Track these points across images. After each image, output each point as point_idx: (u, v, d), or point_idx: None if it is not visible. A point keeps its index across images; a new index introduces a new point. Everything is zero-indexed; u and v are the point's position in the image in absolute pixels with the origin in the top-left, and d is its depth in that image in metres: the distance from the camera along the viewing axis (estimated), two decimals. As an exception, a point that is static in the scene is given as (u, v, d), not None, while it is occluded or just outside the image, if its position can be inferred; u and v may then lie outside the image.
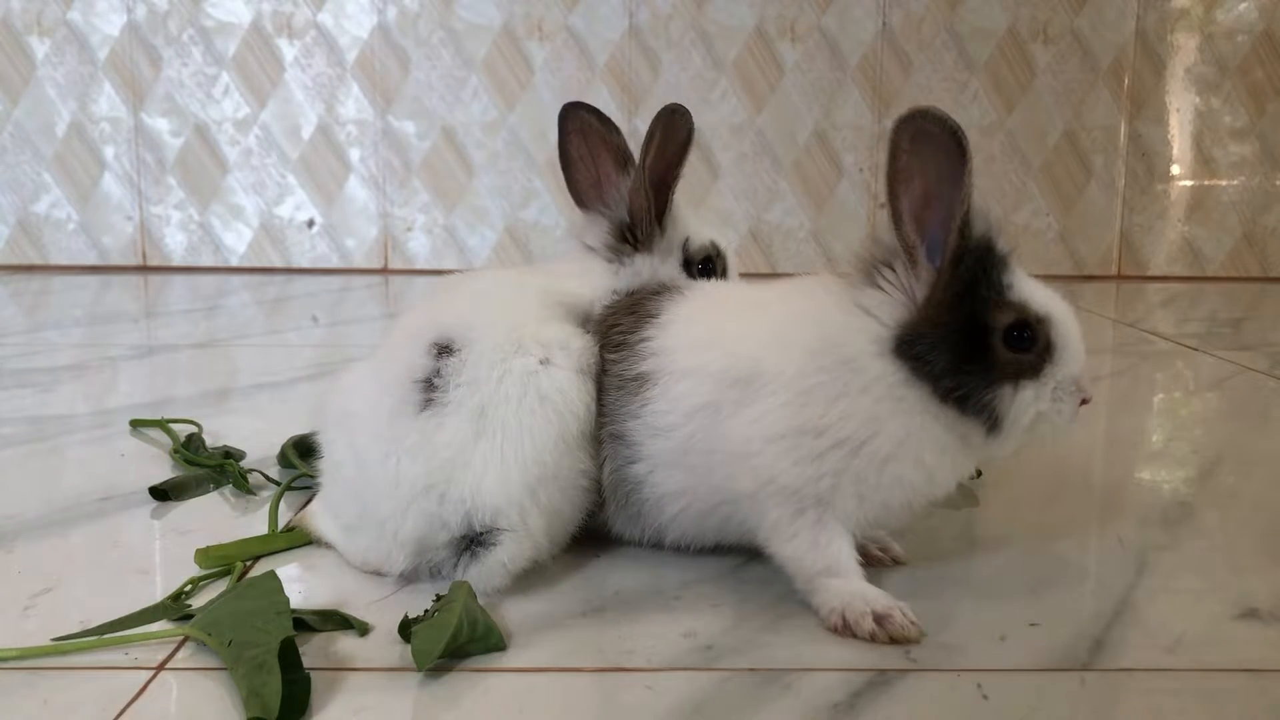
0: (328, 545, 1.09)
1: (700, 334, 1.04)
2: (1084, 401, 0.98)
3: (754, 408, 0.99)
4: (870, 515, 0.99)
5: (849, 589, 0.94)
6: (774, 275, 2.51)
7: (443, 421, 0.98)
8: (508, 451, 0.98)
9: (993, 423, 0.95)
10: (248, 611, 0.86)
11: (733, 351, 1.01)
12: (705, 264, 1.23)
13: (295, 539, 1.10)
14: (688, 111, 1.16)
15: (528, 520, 0.98)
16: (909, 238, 0.95)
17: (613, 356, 1.06)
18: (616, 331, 1.08)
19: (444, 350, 1.00)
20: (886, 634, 0.89)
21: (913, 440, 0.96)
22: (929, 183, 0.93)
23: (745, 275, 1.29)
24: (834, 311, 0.99)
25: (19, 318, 2.62)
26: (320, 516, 1.10)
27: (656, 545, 1.08)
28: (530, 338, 1.03)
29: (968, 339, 0.94)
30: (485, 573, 0.97)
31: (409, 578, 1.01)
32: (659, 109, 1.16)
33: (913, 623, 0.90)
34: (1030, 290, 0.96)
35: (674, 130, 1.16)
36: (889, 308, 0.96)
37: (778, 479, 0.98)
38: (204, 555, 1.04)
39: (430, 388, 0.99)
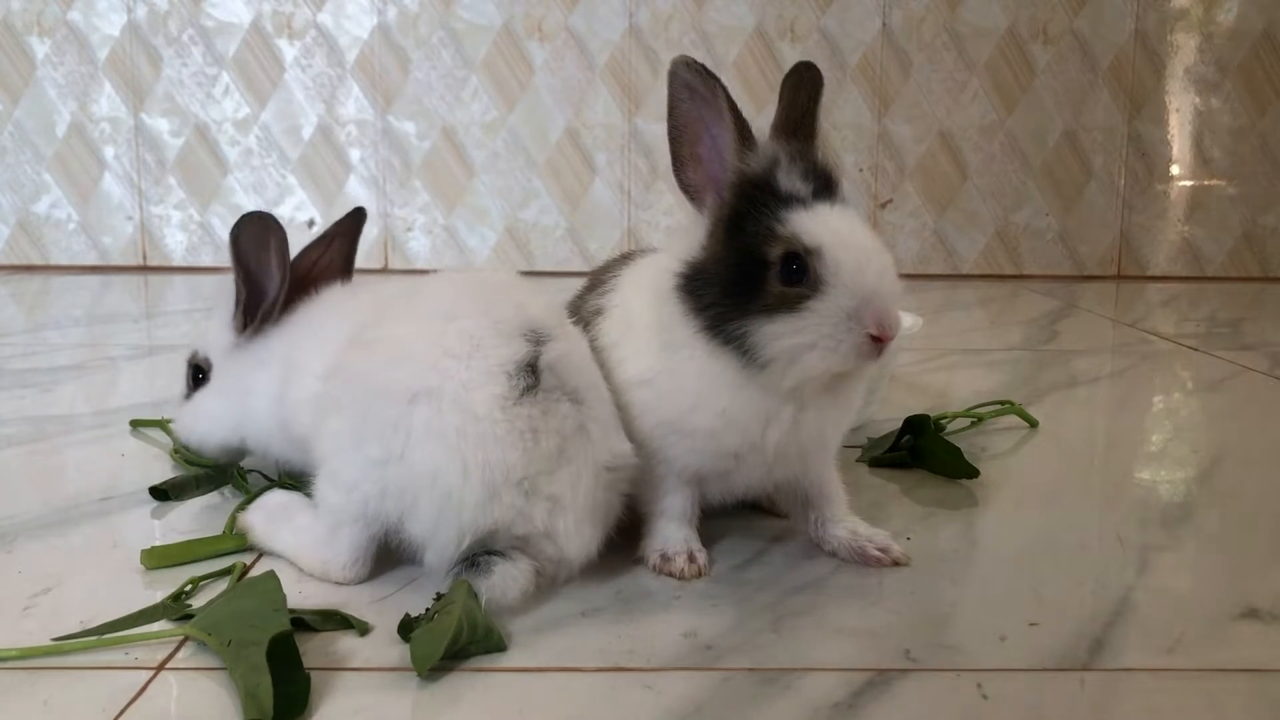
0: (274, 554, 1.06)
1: (625, 287, 1.11)
2: (877, 339, 0.92)
3: (622, 355, 1.05)
4: (702, 467, 1.03)
5: (665, 531, 1.05)
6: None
7: (549, 410, 0.95)
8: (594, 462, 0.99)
9: (747, 355, 0.94)
10: (247, 611, 0.86)
11: (618, 302, 1.09)
12: None
13: (244, 541, 1.08)
14: None
15: (581, 530, 0.98)
16: (686, 180, 0.99)
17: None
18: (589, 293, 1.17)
19: (540, 339, 0.97)
20: (667, 570, 1.02)
21: (705, 383, 0.98)
22: (705, 126, 0.97)
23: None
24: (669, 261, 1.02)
25: (19, 318, 2.62)
26: (273, 534, 1.06)
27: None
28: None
29: (741, 273, 0.94)
30: (500, 589, 0.93)
31: (409, 576, 1.01)
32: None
33: (700, 568, 1.02)
34: (809, 223, 0.93)
35: None
36: (685, 248, 1.00)
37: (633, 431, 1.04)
38: (149, 555, 1.04)
39: (532, 372, 0.95)
